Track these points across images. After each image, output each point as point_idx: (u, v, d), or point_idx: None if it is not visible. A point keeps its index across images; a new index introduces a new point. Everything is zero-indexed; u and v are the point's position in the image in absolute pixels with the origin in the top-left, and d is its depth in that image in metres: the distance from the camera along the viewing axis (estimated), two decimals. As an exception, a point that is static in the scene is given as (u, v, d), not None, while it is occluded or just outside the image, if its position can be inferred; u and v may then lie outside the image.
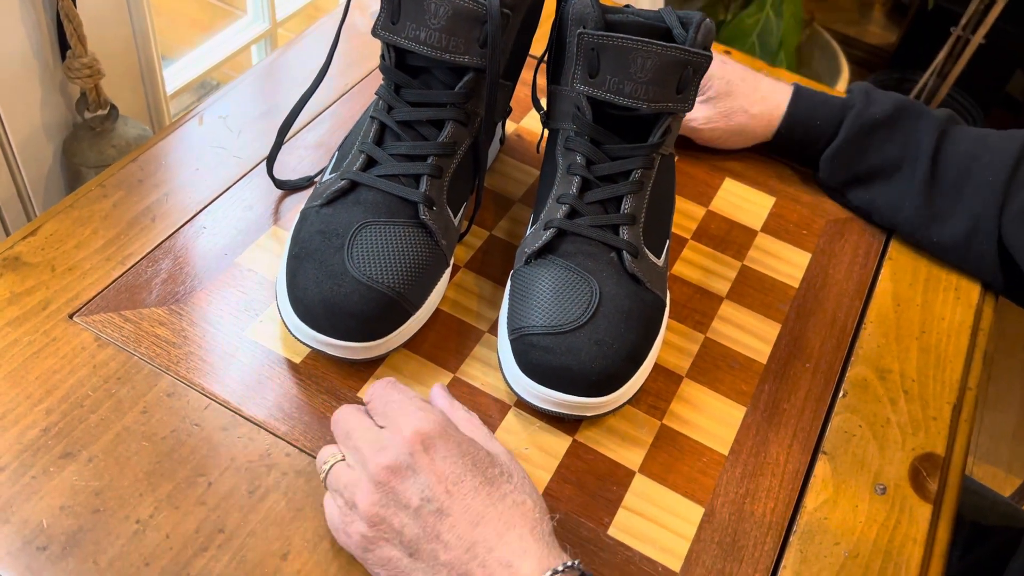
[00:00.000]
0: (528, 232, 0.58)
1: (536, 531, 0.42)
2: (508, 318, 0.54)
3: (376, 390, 0.48)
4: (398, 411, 0.46)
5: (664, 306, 0.56)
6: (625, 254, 0.54)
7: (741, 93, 0.70)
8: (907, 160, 0.66)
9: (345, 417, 0.47)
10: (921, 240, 0.68)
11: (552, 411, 0.52)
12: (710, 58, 0.53)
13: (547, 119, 0.59)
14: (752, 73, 0.71)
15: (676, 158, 0.69)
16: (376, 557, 0.44)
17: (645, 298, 0.54)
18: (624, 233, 0.54)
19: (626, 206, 0.55)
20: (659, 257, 0.57)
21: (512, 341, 0.53)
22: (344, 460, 0.46)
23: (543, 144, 0.68)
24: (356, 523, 0.44)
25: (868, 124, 0.67)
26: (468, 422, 0.48)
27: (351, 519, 0.44)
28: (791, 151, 0.72)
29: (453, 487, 0.43)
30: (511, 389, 0.54)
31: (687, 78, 0.53)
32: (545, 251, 0.55)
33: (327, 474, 0.46)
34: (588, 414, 0.53)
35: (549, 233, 0.55)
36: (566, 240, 0.55)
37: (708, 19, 0.55)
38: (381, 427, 0.46)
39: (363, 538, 0.44)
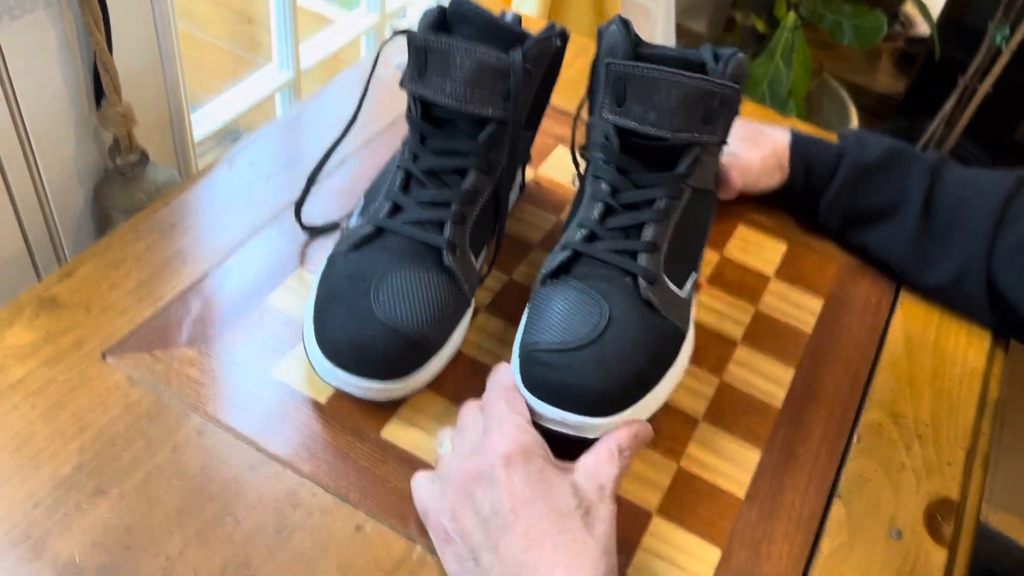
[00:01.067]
0: (548, 257, 0.59)
1: (590, 570, 0.43)
2: (520, 337, 0.56)
3: (489, 395, 0.51)
4: (497, 424, 0.48)
5: (683, 336, 0.56)
6: (640, 280, 0.54)
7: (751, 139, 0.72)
8: (900, 204, 0.68)
9: (465, 414, 0.51)
10: (914, 283, 0.69)
11: (554, 430, 0.52)
12: (738, 90, 0.54)
13: (584, 149, 0.61)
14: (752, 123, 0.74)
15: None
16: (452, 553, 0.47)
17: (658, 325, 0.54)
18: (642, 259, 0.55)
19: (647, 234, 0.56)
20: (681, 288, 0.57)
21: (521, 359, 0.54)
22: (454, 451, 0.50)
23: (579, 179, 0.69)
24: (442, 513, 0.47)
25: (862, 169, 0.69)
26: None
27: (439, 507, 0.48)
28: (793, 196, 0.74)
29: (521, 507, 0.44)
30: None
31: (713, 110, 0.54)
32: (560, 272, 0.56)
33: (439, 457, 0.50)
34: (589, 435, 0.52)
35: (565, 254, 0.56)
36: (582, 263, 0.56)
37: (742, 54, 0.56)
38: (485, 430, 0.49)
39: (444, 530, 0.47)
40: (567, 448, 0.51)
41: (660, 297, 0.55)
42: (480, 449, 0.48)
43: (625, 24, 0.57)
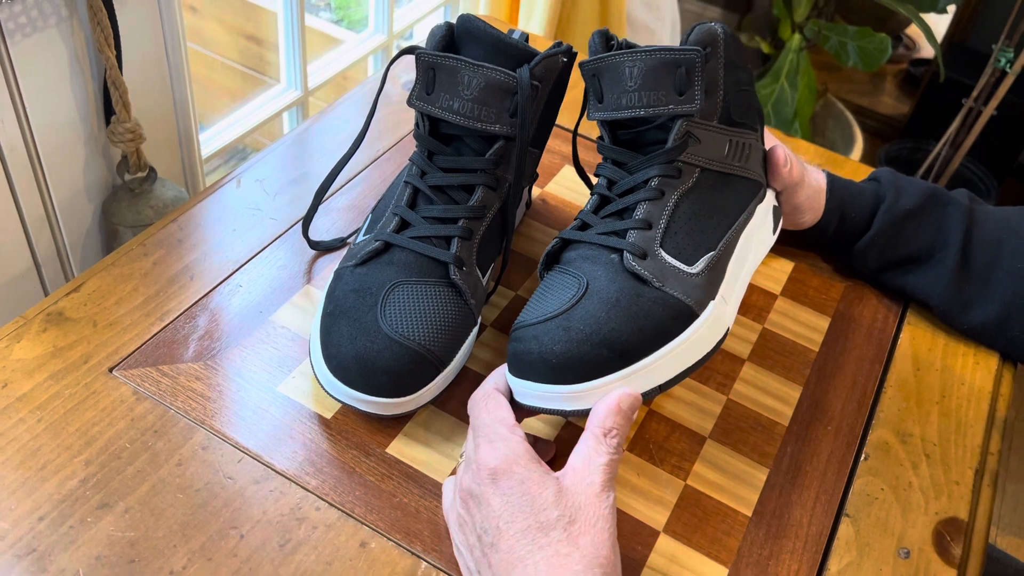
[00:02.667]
0: None
1: None
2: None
3: (472, 404, 0.51)
4: (482, 437, 0.48)
5: (693, 314, 0.53)
6: (626, 254, 0.53)
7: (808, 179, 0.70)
8: (937, 248, 0.68)
9: (470, 420, 0.51)
10: (953, 323, 0.69)
11: (531, 406, 0.51)
12: (698, 51, 0.53)
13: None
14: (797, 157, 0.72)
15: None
16: (462, 563, 0.48)
17: (649, 295, 0.52)
18: (631, 236, 0.54)
19: (639, 212, 0.55)
20: (691, 265, 0.54)
21: (509, 345, 0.53)
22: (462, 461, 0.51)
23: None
24: (451, 524, 0.49)
25: (900, 216, 0.68)
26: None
27: (450, 519, 0.50)
28: (823, 240, 0.72)
29: (504, 525, 0.44)
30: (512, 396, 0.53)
31: (682, 78, 0.54)
32: (551, 262, 0.57)
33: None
34: (565, 406, 0.50)
35: (553, 243, 0.57)
36: (570, 248, 0.56)
37: (715, 23, 0.56)
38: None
39: (454, 537, 0.49)
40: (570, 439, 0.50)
41: (652, 270, 0.53)
42: (470, 466, 0.48)
43: (606, 35, 0.57)
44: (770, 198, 0.64)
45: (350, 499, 0.52)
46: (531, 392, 0.51)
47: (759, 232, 0.62)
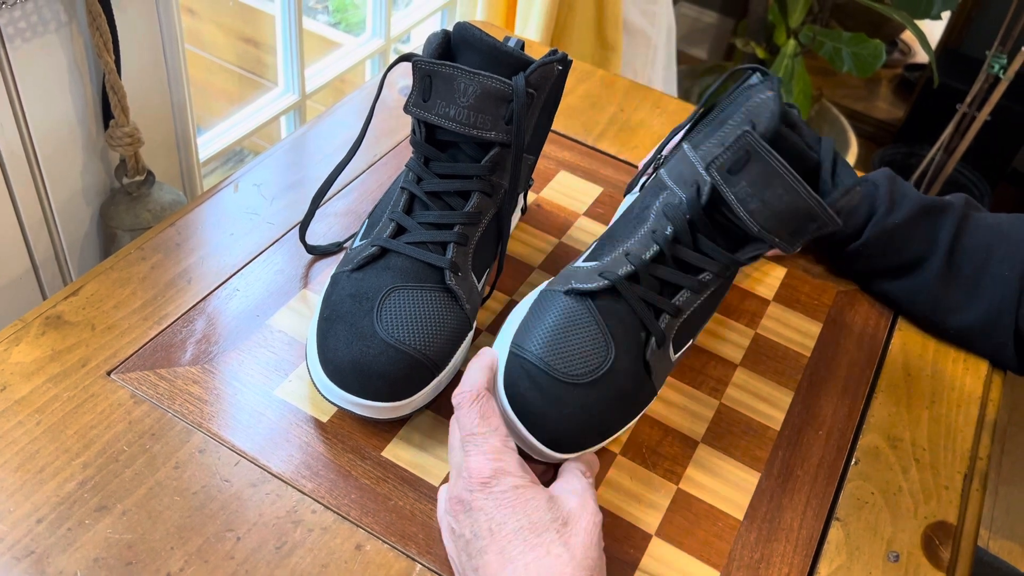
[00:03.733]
0: (580, 264, 0.58)
1: None
2: (517, 328, 0.55)
3: (461, 409, 0.50)
4: (474, 445, 0.48)
5: (654, 395, 0.57)
6: (652, 341, 0.55)
7: None
8: (925, 255, 0.68)
9: (451, 429, 0.52)
10: (937, 328, 0.69)
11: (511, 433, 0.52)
12: (838, 224, 0.52)
13: (662, 163, 0.61)
14: None
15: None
16: (454, 567, 0.49)
17: (645, 388, 0.56)
18: (663, 321, 0.55)
19: (680, 299, 0.56)
20: (675, 354, 0.58)
21: (509, 356, 0.54)
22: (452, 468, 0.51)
23: (643, 183, 0.67)
24: (443, 531, 0.50)
25: (890, 229, 0.69)
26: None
27: (443, 525, 0.50)
28: (811, 242, 0.73)
29: (496, 527, 0.45)
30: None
31: (805, 229, 0.53)
32: (586, 295, 0.55)
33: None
34: (537, 457, 0.53)
35: (601, 283, 0.55)
36: (612, 298, 0.55)
37: (859, 188, 0.53)
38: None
39: (446, 542, 0.50)
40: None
41: (657, 363, 0.56)
42: (460, 474, 0.48)
43: (778, 94, 0.55)
44: None
45: (346, 502, 0.53)
46: (520, 434, 0.52)
47: None
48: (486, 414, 0.49)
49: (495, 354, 0.54)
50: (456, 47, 0.59)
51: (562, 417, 0.52)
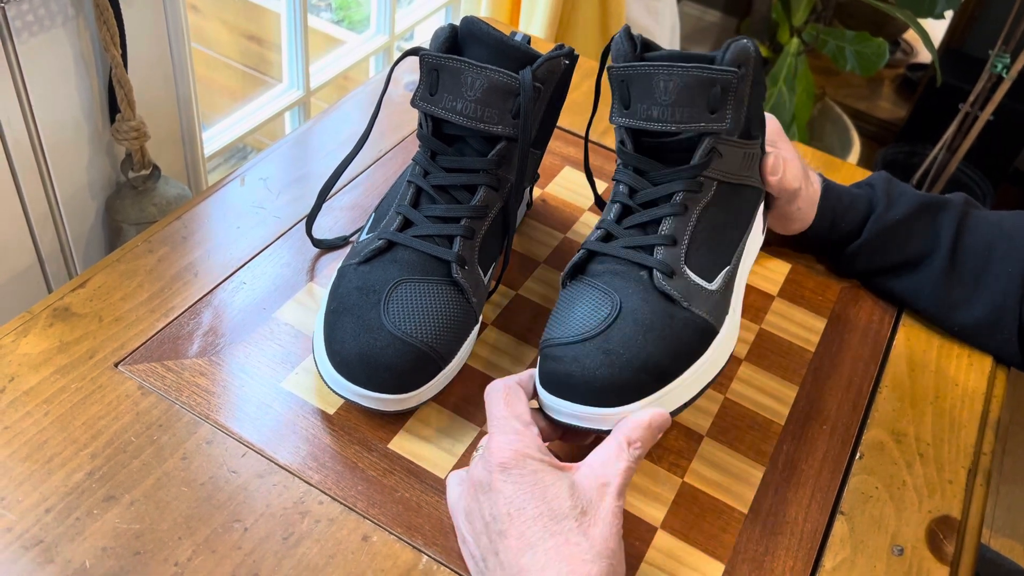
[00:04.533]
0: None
1: (579, 573, 0.43)
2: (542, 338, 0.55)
3: (490, 395, 0.51)
4: (496, 429, 0.49)
5: (713, 331, 0.54)
6: (656, 272, 0.54)
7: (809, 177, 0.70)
8: (927, 252, 0.68)
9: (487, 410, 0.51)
10: (942, 324, 0.70)
11: (566, 423, 0.52)
12: (736, 73, 0.53)
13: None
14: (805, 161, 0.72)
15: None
16: (467, 552, 0.48)
17: (679, 315, 0.53)
18: (659, 253, 0.54)
19: (664, 228, 0.55)
20: (711, 281, 0.55)
21: (539, 359, 0.54)
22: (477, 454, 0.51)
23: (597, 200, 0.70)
24: (458, 515, 0.50)
25: (890, 225, 0.69)
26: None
27: (457, 509, 0.50)
28: (814, 245, 0.74)
29: (515, 512, 0.45)
30: (540, 407, 0.54)
31: (716, 96, 0.54)
32: (576, 272, 0.56)
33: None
34: (602, 427, 0.51)
35: (579, 255, 0.56)
36: (597, 261, 0.56)
37: (747, 40, 0.55)
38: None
39: (461, 531, 0.49)
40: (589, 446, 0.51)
41: (680, 289, 0.54)
42: (482, 457, 0.49)
43: (629, 33, 0.57)
44: (763, 201, 0.65)
45: (352, 494, 0.53)
46: (568, 411, 0.51)
47: (755, 238, 0.63)
48: (511, 401, 0.50)
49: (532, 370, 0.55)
50: (463, 41, 0.59)
51: (587, 369, 0.51)
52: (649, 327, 0.52)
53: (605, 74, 0.59)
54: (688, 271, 0.55)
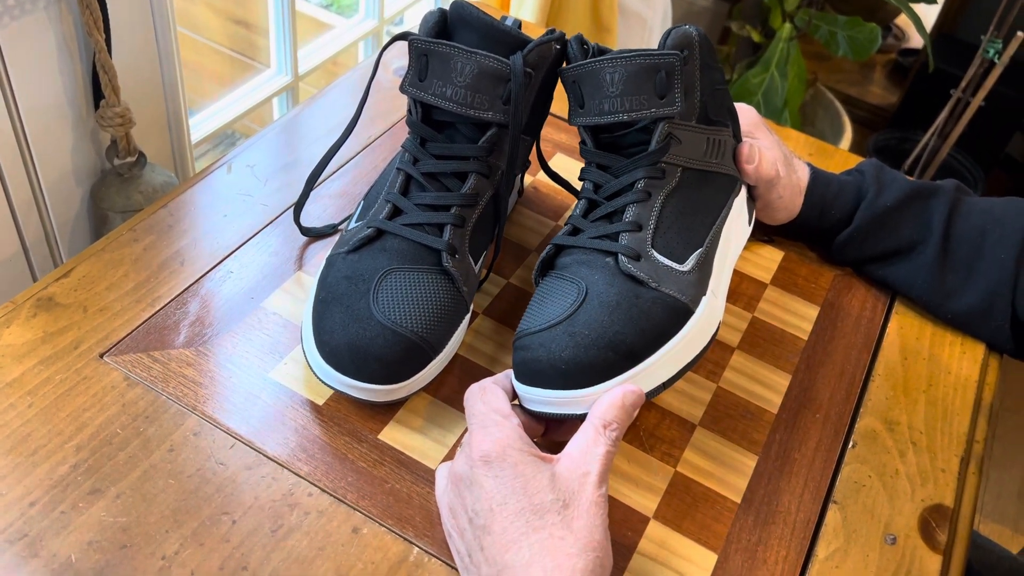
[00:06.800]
0: None
1: (566, 568, 0.43)
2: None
3: (468, 395, 0.51)
4: (475, 424, 0.49)
5: (688, 311, 0.54)
6: (621, 256, 0.54)
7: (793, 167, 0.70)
8: (919, 240, 0.68)
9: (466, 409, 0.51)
10: (936, 312, 0.69)
11: (542, 411, 0.52)
12: (678, 56, 0.54)
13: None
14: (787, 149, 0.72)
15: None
16: (453, 546, 0.49)
17: (647, 295, 0.53)
18: (624, 239, 0.55)
19: (629, 215, 0.56)
20: (682, 263, 0.56)
21: (513, 351, 0.54)
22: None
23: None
24: (444, 509, 0.49)
25: (880, 212, 0.68)
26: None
27: (443, 503, 0.50)
28: (802, 234, 0.74)
29: (497, 507, 0.45)
30: (519, 403, 0.54)
31: (662, 81, 0.54)
32: (546, 268, 0.58)
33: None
34: (576, 411, 0.51)
35: (548, 250, 0.57)
36: (565, 254, 0.57)
37: (689, 26, 0.56)
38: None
39: (446, 523, 0.49)
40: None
41: (648, 271, 0.54)
42: (463, 451, 0.49)
43: (581, 40, 0.58)
44: (744, 191, 0.65)
45: (342, 485, 0.52)
46: (541, 399, 0.51)
47: (737, 225, 0.64)
48: (488, 398, 0.50)
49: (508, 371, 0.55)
50: (453, 26, 0.58)
51: (552, 352, 0.51)
52: (615, 307, 0.52)
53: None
54: (656, 254, 0.55)
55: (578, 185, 0.62)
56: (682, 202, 0.57)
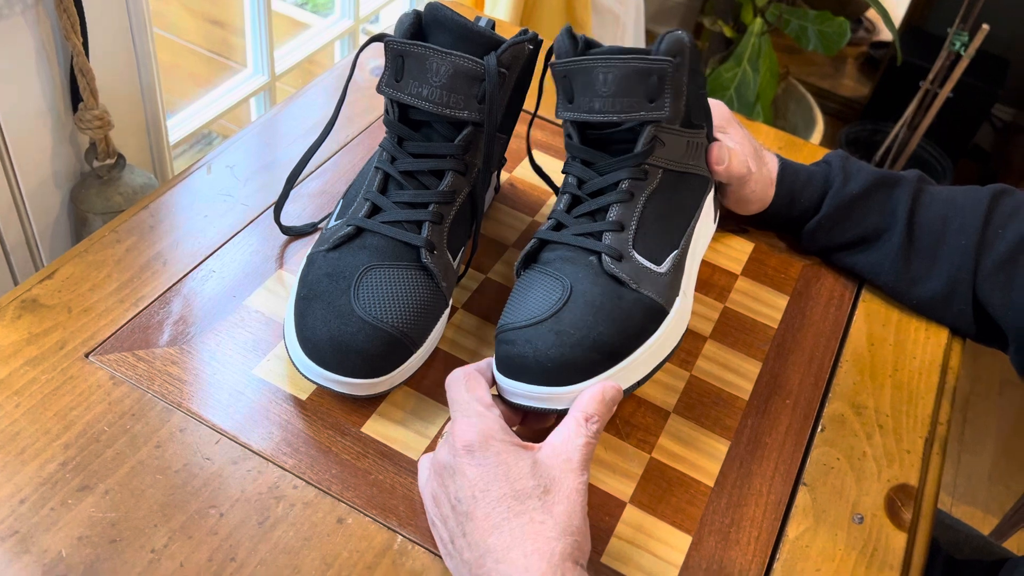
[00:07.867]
0: None
1: (545, 551, 0.44)
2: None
3: (450, 381, 0.52)
4: (458, 412, 0.50)
5: (664, 312, 0.56)
6: (605, 256, 0.56)
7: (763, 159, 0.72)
8: (884, 228, 0.70)
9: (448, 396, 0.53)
10: (902, 298, 0.72)
11: (522, 405, 0.53)
12: (671, 62, 0.55)
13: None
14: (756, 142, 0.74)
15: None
16: (436, 534, 0.49)
17: (628, 296, 0.55)
18: (607, 238, 0.56)
19: (612, 214, 0.57)
20: (659, 264, 0.57)
21: (496, 344, 0.56)
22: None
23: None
24: (427, 497, 0.51)
25: (847, 200, 0.70)
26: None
27: (425, 492, 0.51)
28: (773, 222, 0.75)
29: (480, 494, 0.46)
30: (499, 393, 0.55)
31: (654, 86, 0.56)
32: (529, 261, 0.59)
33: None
34: (556, 406, 0.53)
35: (532, 244, 0.59)
36: (548, 249, 0.58)
37: (681, 32, 0.58)
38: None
39: (429, 512, 0.50)
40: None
41: (629, 272, 0.55)
42: (446, 440, 0.50)
43: (571, 32, 0.59)
44: (713, 189, 0.67)
45: (327, 477, 0.54)
46: (522, 392, 0.53)
47: (705, 224, 0.66)
48: (472, 386, 0.51)
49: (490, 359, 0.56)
50: (428, 27, 0.60)
51: (539, 349, 0.52)
52: (599, 308, 0.54)
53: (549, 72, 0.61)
54: (636, 255, 0.57)
55: (559, 179, 0.63)
56: (662, 204, 0.59)
